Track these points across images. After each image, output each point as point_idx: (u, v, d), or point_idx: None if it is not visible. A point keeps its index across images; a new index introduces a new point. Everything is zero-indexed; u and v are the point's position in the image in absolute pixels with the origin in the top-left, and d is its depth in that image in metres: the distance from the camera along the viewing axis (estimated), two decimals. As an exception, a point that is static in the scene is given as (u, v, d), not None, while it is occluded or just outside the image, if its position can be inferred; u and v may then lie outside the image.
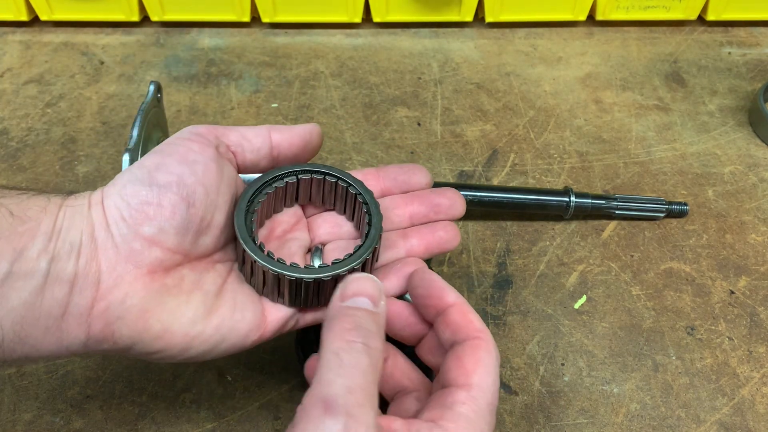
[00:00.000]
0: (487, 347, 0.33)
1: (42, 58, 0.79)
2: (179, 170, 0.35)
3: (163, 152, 0.36)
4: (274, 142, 0.39)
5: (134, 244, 0.33)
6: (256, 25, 0.84)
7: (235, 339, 0.36)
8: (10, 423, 0.46)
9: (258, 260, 0.36)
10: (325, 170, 0.41)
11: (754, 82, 0.76)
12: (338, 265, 0.36)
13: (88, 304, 0.32)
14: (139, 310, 0.33)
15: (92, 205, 0.34)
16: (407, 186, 0.43)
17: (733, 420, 0.47)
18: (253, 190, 0.38)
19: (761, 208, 0.61)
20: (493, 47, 0.81)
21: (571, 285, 0.55)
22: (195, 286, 0.35)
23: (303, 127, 0.40)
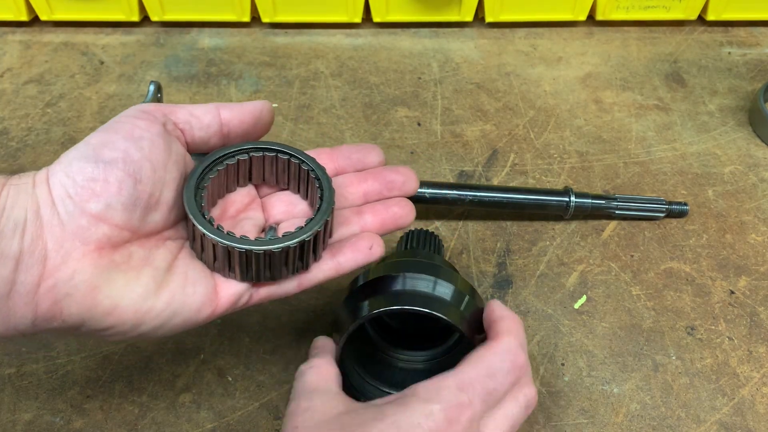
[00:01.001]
0: (491, 345, 0.37)
1: (42, 58, 0.79)
2: (125, 146, 0.34)
3: (108, 129, 0.35)
4: (224, 120, 0.39)
5: (81, 220, 0.33)
6: (256, 25, 0.84)
7: (186, 314, 0.36)
8: (10, 423, 0.46)
9: (207, 233, 0.35)
10: (278, 147, 0.40)
11: (754, 82, 0.76)
12: (289, 237, 0.36)
13: (35, 281, 0.32)
14: (88, 287, 0.33)
15: (37, 184, 0.33)
16: (361, 165, 0.43)
17: (733, 420, 0.47)
18: (203, 167, 0.38)
19: (761, 208, 0.61)
20: (493, 47, 0.81)
21: (571, 285, 0.55)
22: (144, 262, 0.35)
23: (253, 104, 0.40)
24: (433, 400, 0.35)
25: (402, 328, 0.49)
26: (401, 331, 0.49)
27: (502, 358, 0.37)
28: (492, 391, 0.36)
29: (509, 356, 0.37)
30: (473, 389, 0.35)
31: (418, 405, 0.34)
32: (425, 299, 0.40)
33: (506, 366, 0.36)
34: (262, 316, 0.52)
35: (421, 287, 0.41)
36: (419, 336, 0.48)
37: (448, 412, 0.34)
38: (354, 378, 0.44)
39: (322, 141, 0.68)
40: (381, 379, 0.45)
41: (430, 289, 0.41)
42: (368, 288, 0.42)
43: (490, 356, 0.37)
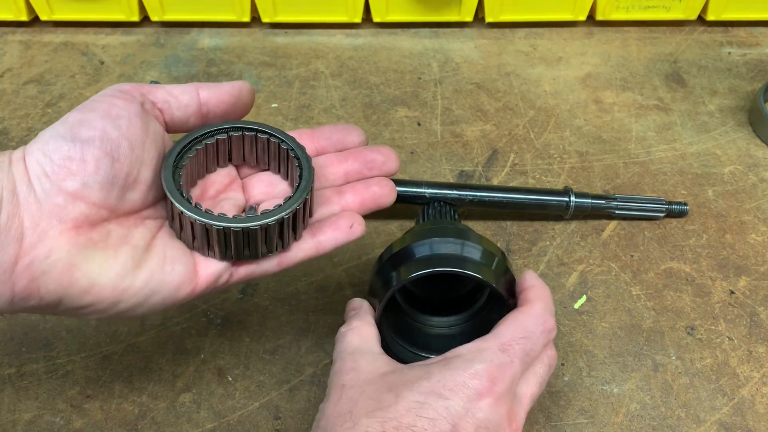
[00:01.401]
0: (524, 309, 0.40)
1: (42, 58, 0.79)
2: (102, 125, 0.34)
3: (85, 108, 0.35)
4: (203, 99, 0.39)
5: (57, 199, 0.33)
6: (256, 25, 0.84)
7: (165, 293, 0.36)
8: (10, 423, 0.46)
9: (185, 211, 0.35)
10: (257, 127, 0.40)
11: (754, 82, 0.76)
12: (267, 214, 0.36)
13: (12, 260, 0.32)
14: (65, 265, 0.33)
15: (13, 162, 0.33)
16: (342, 145, 0.44)
17: (733, 420, 0.47)
18: (182, 146, 0.38)
19: (761, 208, 0.61)
20: (493, 47, 0.81)
21: (571, 285, 0.55)
22: (123, 241, 0.35)
23: (232, 85, 0.40)
24: (477, 360, 0.36)
25: (428, 295, 0.51)
26: (427, 299, 0.51)
27: (536, 321, 0.39)
28: (529, 351, 0.38)
29: (541, 319, 0.39)
30: (513, 350, 0.37)
31: (463, 365, 0.36)
32: (458, 261, 0.42)
33: (539, 328, 0.38)
34: (262, 316, 0.52)
35: (451, 250, 0.43)
36: (445, 302, 0.51)
37: (491, 372, 0.36)
38: (389, 341, 0.45)
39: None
40: (412, 344, 0.48)
41: (459, 251, 0.43)
42: (399, 256, 0.44)
43: (525, 319, 0.39)
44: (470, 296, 0.51)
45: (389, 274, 0.43)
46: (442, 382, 0.35)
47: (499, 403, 0.35)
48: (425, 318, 0.50)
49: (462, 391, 0.35)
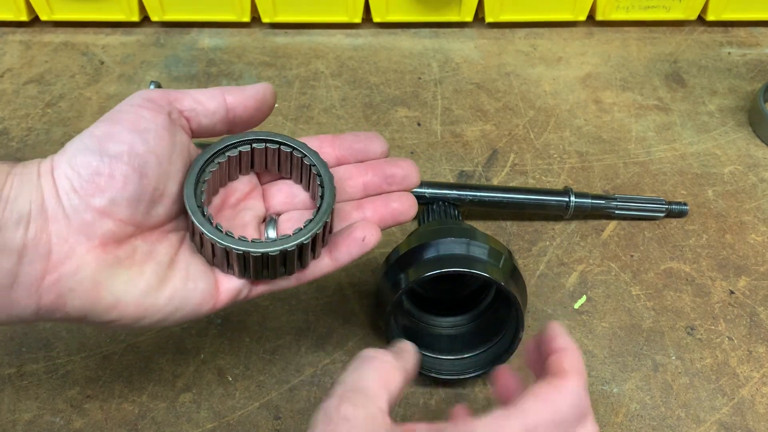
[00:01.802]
0: (558, 384, 0.32)
1: (42, 58, 0.79)
2: (130, 139, 0.34)
3: (113, 120, 0.35)
4: (229, 105, 0.38)
5: (86, 215, 0.33)
6: (256, 25, 0.84)
7: (188, 309, 0.36)
8: (10, 423, 0.46)
9: (206, 233, 0.35)
10: (280, 140, 0.40)
11: (754, 82, 0.76)
12: (287, 240, 0.36)
13: (39, 275, 0.32)
14: (91, 283, 0.33)
15: (42, 174, 0.33)
16: (363, 155, 0.42)
17: (733, 420, 0.47)
18: (205, 159, 0.38)
19: (761, 208, 0.61)
20: (493, 47, 0.81)
21: (571, 285, 0.55)
22: (147, 257, 0.35)
23: (256, 89, 0.39)
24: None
25: (434, 295, 0.52)
26: (433, 299, 0.52)
27: (571, 403, 0.32)
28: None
29: (577, 401, 0.32)
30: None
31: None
32: (466, 260, 0.42)
33: (574, 412, 0.32)
34: (262, 316, 0.52)
35: (458, 250, 0.43)
36: (450, 302, 0.51)
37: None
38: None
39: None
40: (418, 343, 0.47)
41: (466, 251, 0.43)
42: (407, 258, 0.44)
43: (558, 398, 0.32)
44: (475, 296, 0.51)
45: (397, 275, 0.43)
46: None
47: None
48: (431, 318, 0.51)
49: None
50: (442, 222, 0.52)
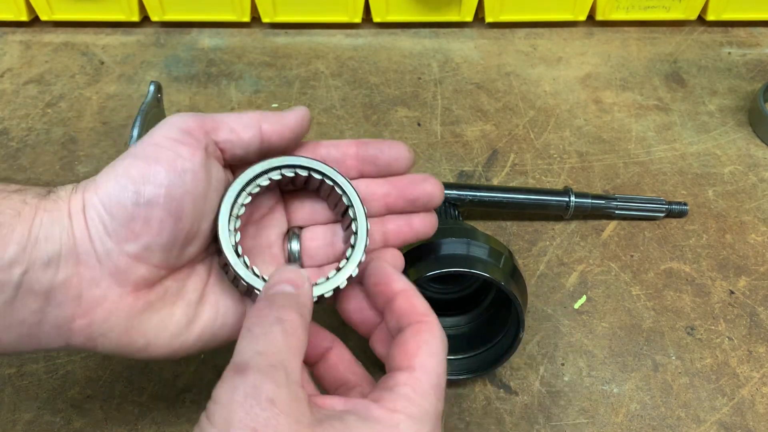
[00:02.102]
0: (431, 329, 0.33)
1: (42, 58, 0.79)
2: (167, 181, 0.32)
3: (149, 157, 0.33)
4: (265, 135, 0.37)
5: (119, 260, 0.32)
6: (256, 25, 0.84)
7: (216, 343, 0.36)
8: (10, 423, 0.46)
9: (244, 279, 0.35)
10: (309, 165, 0.38)
11: (754, 82, 0.76)
12: (323, 284, 0.36)
13: (68, 318, 0.32)
14: (123, 329, 0.33)
15: (72, 214, 0.32)
16: (387, 171, 0.40)
17: (733, 420, 0.47)
18: (237, 191, 0.36)
19: (761, 208, 0.61)
20: (493, 47, 0.81)
21: (571, 285, 0.55)
22: (177, 296, 0.35)
23: (294, 117, 0.38)
24: (423, 420, 0.30)
25: (434, 295, 0.52)
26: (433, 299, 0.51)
27: (443, 345, 0.33)
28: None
29: (444, 339, 0.33)
30: (442, 390, 0.32)
31: (410, 426, 0.30)
32: (467, 260, 0.42)
33: (446, 353, 0.33)
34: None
35: (459, 250, 0.43)
36: (450, 302, 0.51)
37: (437, 430, 0.31)
38: None
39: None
40: None
41: (467, 251, 0.43)
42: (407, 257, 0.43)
43: (437, 344, 0.33)
44: (476, 296, 0.51)
45: None
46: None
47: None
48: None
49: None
50: (442, 222, 0.52)
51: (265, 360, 0.28)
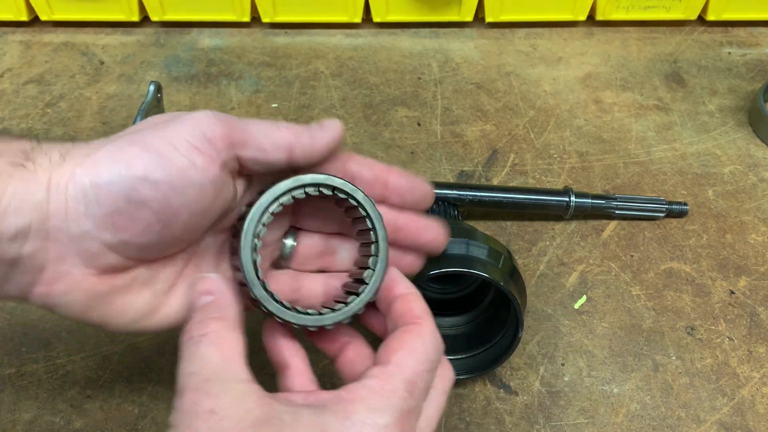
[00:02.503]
0: (419, 331, 0.32)
1: (42, 58, 0.79)
2: (169, 189, 0.30)
3: (159, 157, 0.30)
4: (293, 157, 0.34)
5: (91, 245, 0.30)
6: (256, 25, 0.84)
7: (178, 328, 0.34)
8: (10, 423, 0.46)
9: (267, 309, 0.34)
10: (331, 183, 0.36)
11: (754, 82, 0.76)
12: (342, 312, 0.36)
13: (29, 282, 0.30)
14: (80, 307, 0.31)
15: (52, 187, 0.29)
16: (411, 207, 0.39)
17: (733, 420, 0.47)
18: (260, 213, 0.34)
19: (761, 208, 0.61)
20: (493, 47, 0.81)
21: (571, 285, 0.55)
22: (145, 284, 0.33)
23: (327, 139, 0.35)
24: (384, 411, 0.29)
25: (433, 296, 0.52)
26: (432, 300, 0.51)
27: (433, 345, 0.32)
28: (429, 383, 0.32)
29: (436, 342, 0.33)
30: (418, 388, 0.31)
31: (365, 416, 0.29)
32: (466, 260, 0.42)
33: (436, 352, 0.32)
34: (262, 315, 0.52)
35: (458, 250, 0.43)
36: (449, 303, 0.51)
37: (401, 424, 0.29)
38: None
39: None
40: None
41: (466, 251, 0.43)
42: None
43: (423, 345, 0.32)
44: (475, 296, 0.51)
45: None
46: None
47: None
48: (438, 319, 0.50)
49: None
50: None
51: (198, 378, 0.28)
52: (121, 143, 0.31)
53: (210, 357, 0.29)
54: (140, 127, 0.32)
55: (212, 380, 0.28)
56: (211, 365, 0.29)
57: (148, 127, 0.32)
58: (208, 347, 0.30)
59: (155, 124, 0.32)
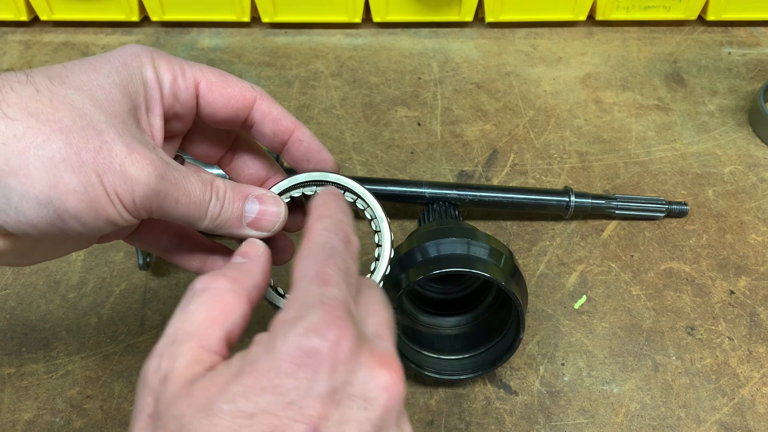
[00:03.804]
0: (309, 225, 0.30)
1: (42, 58, 0.79)
2: (84, 222, 0.28)
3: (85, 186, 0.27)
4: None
5: None
6: (256, 25, 0.84)
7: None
8: (10, 423, 0.46)
9: (270, 301, 0.36)
10: (333, 179, 0.37)
11: (754, 82, 0.76)
12: None
13: None
14: None
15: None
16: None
17: (733, 420, 0.47)
18: None
19: (761, 208, 0.61)
20: (493, 47, 0.81)
21: (571, 285, 0.55)
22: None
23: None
24: (305, 316, 0.25)
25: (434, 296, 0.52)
26: (433, 300, 0.52)
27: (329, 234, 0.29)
28: (345, 269, 0.28)
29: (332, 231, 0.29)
30: (332, 276, 0.27)
31: (289, 327, 0.25)
32: (467, 260, 0.42)
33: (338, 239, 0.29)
34: (262, 315, 0.52)
35: (459, 250, 0.43)
36: (451, 302, 0.52)
37: (328, 316, 0.25)
38: (403, 348, 0.46)
39: (322, 141, 0.67)
40: (417, 343, 0.48)
41: (467, 250, 0.43)
42: (407, 258, 0.44)
43: (317, 237, 0.29)
44: (476, 296, 0.51)
45: (398, 276, 0.44)
46: (271, 363, 0.23)
47: (360, 350, 0.24)
48: (431, 318, 0.51)
49: (305, 360, 0.23)
50: (443, 222, 0.52)
51: (170, 336, 0.26)
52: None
53: (194, 317, 0.27)
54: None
55: (176, 344, 0.26)
56: (188, 326, 0.27)
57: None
58: (200, 305, 0.27)
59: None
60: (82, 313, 0.52)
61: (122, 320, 0.52)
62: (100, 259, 0.56)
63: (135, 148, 0.29)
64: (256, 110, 0.36)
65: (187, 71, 0.34)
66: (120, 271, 0.55)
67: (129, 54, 0.32)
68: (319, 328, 0.24)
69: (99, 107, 0.29)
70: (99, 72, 0.31)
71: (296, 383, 0.23)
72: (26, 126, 0.27)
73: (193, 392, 0.24)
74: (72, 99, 0.28)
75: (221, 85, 0.35)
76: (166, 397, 0.24)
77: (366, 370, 0.24)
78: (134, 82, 0.32)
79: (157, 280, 0.55)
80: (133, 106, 0.31)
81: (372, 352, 0.25)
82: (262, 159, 0.40)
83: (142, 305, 0.53)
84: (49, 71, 0.29)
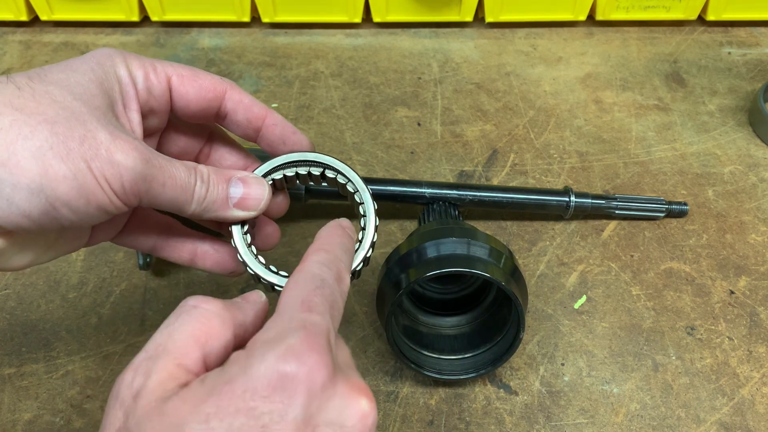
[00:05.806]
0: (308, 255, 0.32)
1: (42, 58, 0.79)
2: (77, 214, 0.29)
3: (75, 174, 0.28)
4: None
5: None
6: (256, 25, 0.84)
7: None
8: (10, 423, 0.46)
9: (264, 278, 0.36)
10: (320, 160, 0.39)
11: (754, 82, 0.76)
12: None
13: None
14: None
15: None
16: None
17: (733, 420, 0.47)
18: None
19: (761, 208, 0.61)
20: (493, 47, 0.81)
21: (571, 285, 0.55)
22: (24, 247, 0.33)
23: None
24: (286, 338, 0.25)
25: (434, 296, 0.52)
26: (433, 300, 0.52)
27: (322, 267, 0.31)
28: (332, 300, 0.30)
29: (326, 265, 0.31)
30: (316, 304, 0.28)
31: (267, 351, 0.25)
32: (467, 260, 0.43)
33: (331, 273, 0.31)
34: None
35: (459, 250, 0.43)
36: (451, 303, 0.52)
37: (307, 341, 0.25)
38: (397, 341, 0.46)
39: (322, 141, 0.68)
40: (417, 343, 0.48)
41: (467, 250, 0.43)
42: (407, 258, 0.44)
43: (309, 268, 0.30)
44: (476, 296, 0.51)
45: (398, 276, 0.44)
46: (247, 385, 0.23)
47: (336, 377, 0.25)
48: (431, 318, 0.51)
49: (282, 384, 0.23)
50: (443, 222, 0.52)
51: (150, 351, 0.26)
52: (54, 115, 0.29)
53: (177, 334, 0.27)
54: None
55: (153, 360, 0.26)
56: (169, 343, 0.26)
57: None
58: (185, 323, 0.27)
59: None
60: (82, 313, 0.52)
61: (122, 320, 0.52)
62: (100, 259, 0.56)
63: (118, 135, 0.30)
64: (227, 100, 0.37)
65: (158, 67, 0.35)
66: (120, 271, 0.55)
67: (101, 55, 0.33)
68: (298, 353, 0.24)
69: (80, 100, 0.30)
70: (76, 71, 0.31)
71: (271, 407, 0.23)
72: (11, 119, 0.28)
73: (165, 410, 0.23)
74: (53, 94, 0.29)
75: (192, 78, 0.36)
76: (137, 413, 0.24)
77: (341, 398, 0.24)
78: (109, 79, 0.33)
79: (157, 280, 0.55)
80: (110, 101, 0.32)
81: (347, 380, 0.25)
82: (238, 151, 0.42)
83: (143, 305, 0.53)
84: (28, 73, 0.30)
